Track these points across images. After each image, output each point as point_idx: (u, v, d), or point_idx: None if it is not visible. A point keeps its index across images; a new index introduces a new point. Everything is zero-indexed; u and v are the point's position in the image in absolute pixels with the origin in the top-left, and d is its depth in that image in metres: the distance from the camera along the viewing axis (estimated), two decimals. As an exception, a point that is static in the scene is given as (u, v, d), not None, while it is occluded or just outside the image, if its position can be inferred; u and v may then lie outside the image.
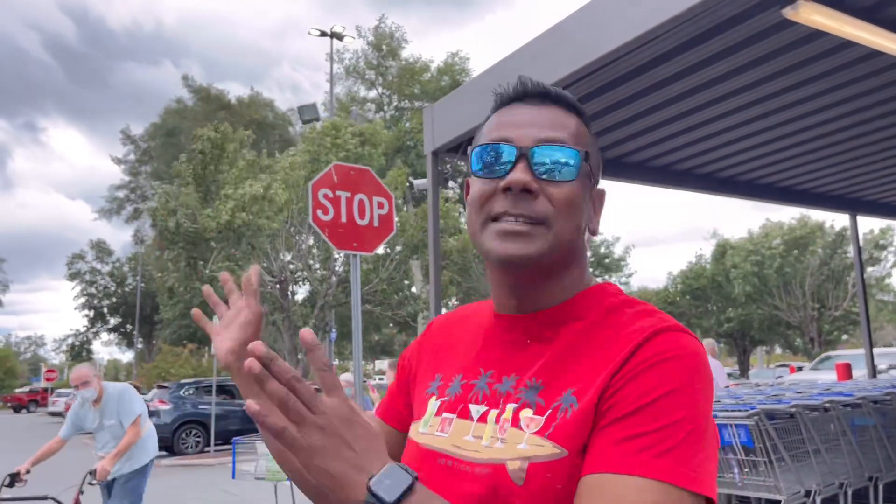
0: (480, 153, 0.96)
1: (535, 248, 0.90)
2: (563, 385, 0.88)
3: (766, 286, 33.61)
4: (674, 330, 0.86)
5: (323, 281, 20.26)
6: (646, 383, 0.81)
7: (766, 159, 6.30)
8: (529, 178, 0.90)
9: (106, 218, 41.62)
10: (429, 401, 1.04)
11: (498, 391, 0.94)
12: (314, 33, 27.01)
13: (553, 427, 0.85)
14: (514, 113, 0.98)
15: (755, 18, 3.80)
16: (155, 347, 44.65)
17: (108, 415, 5.04)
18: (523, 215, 0.90)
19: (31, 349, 77.60)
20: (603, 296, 0.97)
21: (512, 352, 0.97)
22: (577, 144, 0.95)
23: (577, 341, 0.91)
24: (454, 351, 1.08)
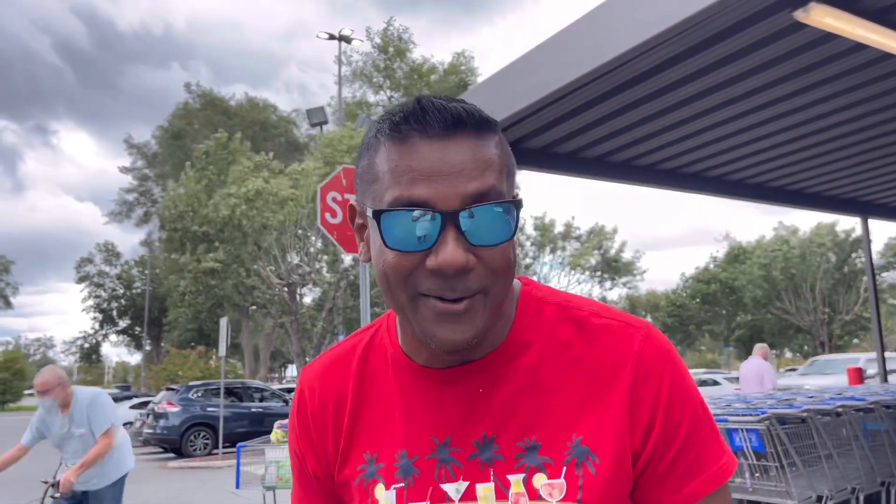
0: (391, 220, 0.75)
1: (476, 328, 0.76)
2: (563, 434, 0.79)
3: (776, 290, 33.45)
4: (643, 332, 0.83)
5: (332, 284, 20.28)
6: (671, 417, 0.80)
7: (777, 162, 6.27)
8: (464, 257, 0.73)
9: (116, 221, 41.84)
10: (374, 491, 0.84)
11: (478, 461, 0.80)
12: (322, 36, 27.09)
13: (581, 489, 0.77)
14: (421, 154, 0.75)
15: (766, 21, 3.78)
16: (163, 349, 44.84)
17: (77, 422, 4.55)
18: (461, 297, 0.75)
19: (40, 351, 78.02)
20: (534, 309, 0.86)
21: (468, 409, 0.82)
22: (506, 184, 0.78)
23: (541, 377, 0.82)
24: (369, 417, 0.88)
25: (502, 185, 0.77)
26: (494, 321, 0.80)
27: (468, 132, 0.77)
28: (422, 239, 0.74)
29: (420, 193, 0.74)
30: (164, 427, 16.35)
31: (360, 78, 32.34)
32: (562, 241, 32.89)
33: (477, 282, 0.75)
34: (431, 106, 0.77)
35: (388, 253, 0.76)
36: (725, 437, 4.45)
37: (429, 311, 0.76)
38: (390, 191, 0.76)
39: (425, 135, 0.76)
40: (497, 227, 0.75)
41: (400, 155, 0.76)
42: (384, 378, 0.88)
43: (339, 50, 27.83)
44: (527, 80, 4.30)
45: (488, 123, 0.80)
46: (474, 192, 0.74)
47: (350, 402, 0.89)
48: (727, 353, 42.05)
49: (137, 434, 17.83)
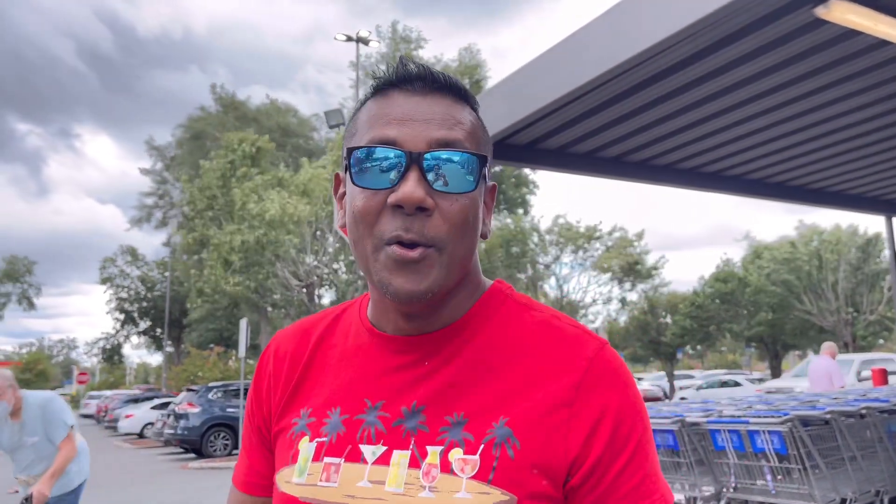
0: (360, 158, 0.79)
1: (432, 281, 0.77)
2: (491, 414, 0.77)
3: (794, 290, 33.10)
4: (601, 343, 0.82)
5: (349, 284, 20.36)
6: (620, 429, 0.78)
7: (799, 160, 6.20)
8: (423, 194, 0.75)
9: (137, 226, 42.31)
10: (299, 442, 0.85)
11: (402, 428, 0.80)
12: (340, 38, 27.20)
13: (494, 469, 0.75)
14: (397, 103, 0.81)
15: (787, 18, 3.74)
16: (183, 350, 45.25)
17: (29, 430, 4.16)
18: (416, 242, 0.76)
19: (63, 352, 79.09)
20: (499, 301, 0.87)
21: (408, 379, 0.82)
22: (475, 147, 0.81)
23: (487, 359, 0.81)
24: (320, 377, 0.90)
25: (469, 145, 0.80)
26: (452, 284, 0.81)
27: (445, 95, 0.82)
28: (387, 177, 0.77)
29: (390, 134, 0.78)
30: (184, 427, 16.50)
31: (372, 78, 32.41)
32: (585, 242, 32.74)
33: (433, 230, 0.77)
34: (414, 63, 0.83)
35: (358, 196, 0.79)
36: (747, 440, 4.41)
37: (387, 259, 0.77)
38: (365, 135, 0.81)
39: (405, 91, 0.82)
40: (457, 176, 0.78)
41: (378, 107, 0.82)
42: (343, 344, 0.90)
43: (357, 52, 27.94)
44: (543, 80, 4.29)
45: (466, 95, 0.85)
46: (440, 139, 0.78)
47: (304, 361, 0.92)
48: (749, 353, 41.66)
49: (159, 434, 18.02)
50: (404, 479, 0.76)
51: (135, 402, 26.68)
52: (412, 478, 0.76)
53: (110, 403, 29.69)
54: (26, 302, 48.20)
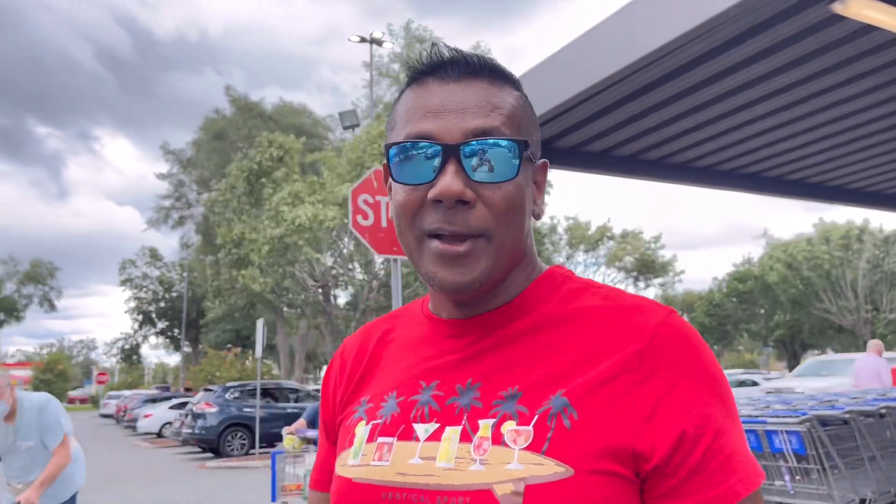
0: (398, 154, 0.79)
1: (479, 272, 0.77)
2: (547, 387, 0.75)
3: (813, 289, 32.75)
4: (668, 311, 0.78)
5: (364, 285, 20.41)
6: (695, 408, 0.72)
7: (816, 158, 6.14)
8: (461, 187, 0.75)
9: (154, 227, 42.67)
10: (356, 427, 0.86)
11: (455, 405, 0.78)
12: (354, 39, 27.28)
13: (549, 439, 0.71)
14: (433, 94, 0.80)
15: (803, 14, 3.71)
16: (200, 351, 45.60)
17: (24, 434, 3.90)
18: (460, 233, 0.76)
19: (83, 353, 79.94)
20: (557, 282, 0.85)
21: (464, 359, 0.82)
22: (515, 131, 0.80)
23: (544, 336, 0.79)
24: (381, 368, 0.91)
25: (509, 129, 0.79)
26: (503, 272, 0.81)
27: (481, 79, 0.81)
28: (425, 171, 0.77)
29: (425, 127, 0.78)
30: (202, 427, 16.63)
31: (386, 77, 32.47)
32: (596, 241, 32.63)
33: (477, 221, 0.76)
34: (447, 49, 0.82)
35: (398, 191, 0.80)
36: (764, 440, 4.37)
37: (431, 253, 0.78)
38: (403, 129, 0.81)
39: (440, 79, 0.81)
40: (498, 164, 0.77)
41: (414, 98, 0.82)
42: (405, 335, 0.92)
43: (371, 52, 28.02)
44: (557, 79, 4.28)
45: (504, 75, 0.83)
46: (476, 129, 0.77)
47: (367, 356, 0.94)
48: (766, 353, 41.31)
49: (177, 434, 18.16)
50: (455, 453, 0.74)
51: (153, 402, 26.92)
52: (463, 452, 0.74)
53: (129, 403, 29.97)
54: (47, 304, 48.80)
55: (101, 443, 23.02)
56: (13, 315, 45.90)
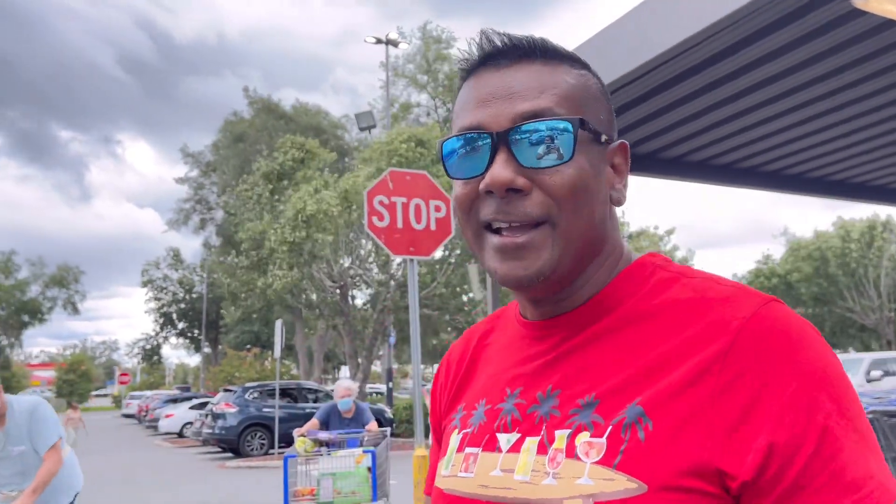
0: (449, 150, 0.77)
1: (542, 263, 0.73)
2: (624, 395, 0.69)
3: (837, 287, 32.33)
4: (764, 300, 0.69)
5: (382, 285, 20.45)
6: (798, 411, 0.62)
7: (838, 155, 6.05)
8: (511, 175, 0.72)
9: (175, 229, 43.08)
10: (451, 435, 0.85)
11: (536, 414, 0.75)
12: (370, 41, 27.34)
13: (621, 453, 0.66)
14: (483, 83, 0.77)
15: (822, 9, 3.65)
16: (220, 351, 45.96)
17: (14, 439, 3.74)
18: (517, 223, 0.73)
19: (105, 353, 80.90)
20: (646, 273, 0.78)
21: (544, 364, 0.78)
22: (573, 110, 0.75)
23: (627, 336, 0.73)
24: (477, 374, 0.89)
25: (564, 109, 0.74)
26: (574, 263, 0.75)
27: (533, 60, 0.77)
28: (476, 163, 0.75)
29: (476, 118, 0.76)
30: (222, 427, 16.76)
31: (402, 77, 32.50)
32: None
33: (536, 208, 0.72)
34: (495, 34, 0.79)
35: (455, 187, 0.78)
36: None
37: (490, 247, 0.75)
38: (456, 123, 0.79)
39: (492, 67, 0.78)
40: (552, 146, 0.73)
41: (467, 91, 0.79)
42: (499, 339, 0.89)
43: (387, 53, 28.06)
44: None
45: (560, 54, 0.79)
46: (525, 112, 0.74)
47: (466, 362, 0.92)
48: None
49: (197, 434, 18.31)
50: (531, 465, 0.72)
51: (174, 403, 27.18)
52: (539, 464, 0.71)
53: (151, 403, 30.29)
54: (71, 307, 49.45)
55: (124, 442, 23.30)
56: (37, 317, 46.55)
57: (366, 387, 19.99)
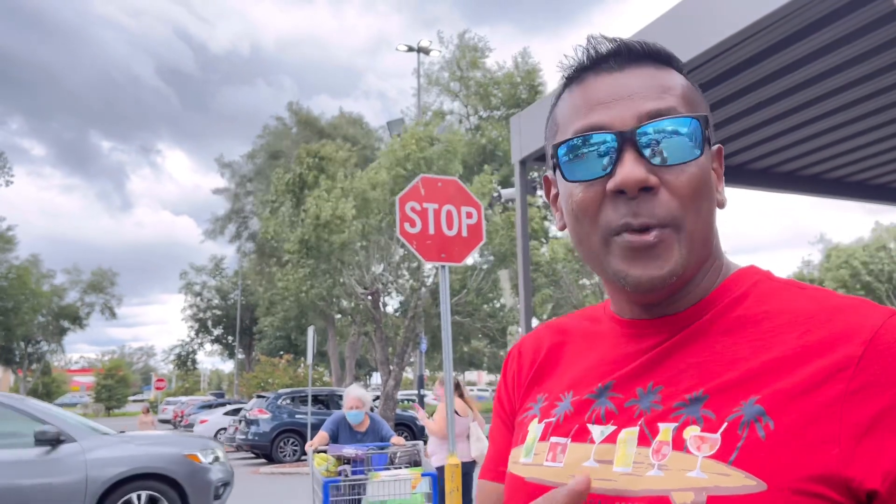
0: (568, 152, 0.75)
1: (673, 264, 0.71)
2: (738, 392, 0.67)
3: (875, 294, 31.54)
4: (885, 311, 0.67)
5: (413, 291, 20.49)
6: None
7: (880, 158, 5.90)
8: (644, 173, 0.70)
9: (211, 238, 43.73)
10: (530, 424, 0.84)
11: (635, 408, 0.73)
12: (401, 49, 27.51)
13: (738, 448, 0.64)
14: (596, 87, 0.75)
15: (864, 9, 3.56)
16: (254, 358, 46.47)
17: None
18: (647, 224, 0.70)
19: (142, 359, 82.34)
20: (752, 280, 0.77)
21: (645, 359, 0.76)
22: (691, 109, 0.75)
23: (738, 337, 0.71)
24: (559, 367, 0.88)
25: (685, 109, 0.74)
26: (697, 264, 0.74)
27: (646, 64, 0.76)
28: (601, 163, 0.72)
29: (595, 119, 0.74)
30: (255, 433, 16.91)
31: (435, 85, 32.60)
32: None
33: (664, 209, 0.70)
34: (605, 39, 0.77)
35: (574, 190, 0.75)
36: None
37: (619, 249, 0.72)
38: (568, 127, 0.76)
39: (600, 71, 0.76)
40: (679, 145, 0.71)
41: (575, 96, 0.77)
42: (586, 336, 0.88)
43: (418, 62, 28.20)
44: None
45: (668, 57, 0.78)
46: (650, 111, 0.72)
47: (544, 353, 0.91)
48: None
49: (231, 439, 18.50)
50: (633, 457, 0.70)
51: (209, 408, 27.51)
52: (641, 456, 0.69)
53: (186, 409, 30.71)
54: (108, 312, 50.42)
55: (159, 447, 23.53)
56: (77, 322, 47.58)
57: (397, 393, 20.01)
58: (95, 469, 6.39)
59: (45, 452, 6.27)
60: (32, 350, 46.96)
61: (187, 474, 6.90)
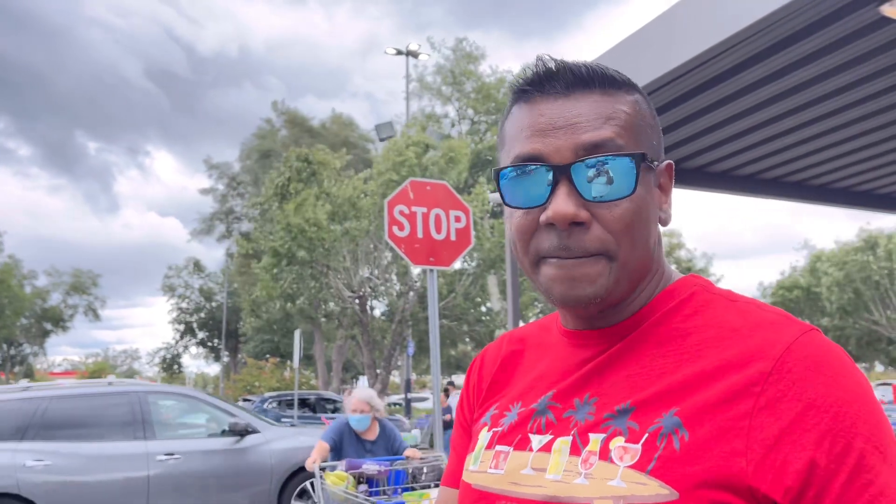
0: (507, 178, 0.77)
1: (597, 288, 0.74)
2: (660, 404, 0.70)
3: (861, 299, 31.86)
4: (806, 328, 0.70)
5: (401, 296, 20.46)
6: (833, 439, 0.62)
7: (864, 165, 5.96)
8: (574, 209, 0.72)
9: (198, 239, 43.45)
10: (480, 432, 0.88)
11: (571, 419, 0.77)
12: (390, 52, 27.52)
13: (655, 459, 0.67)
14: (539, 110, 0.77)
15: (850, 17, 3.60)
16: (240, 361, 46.19)
17: None
18: (575, 255, 0.73)
19: (126, 362, 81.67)
20: (688, 292, 0.80)
21: (584, 371, 0.80)
22: (632, 140, 0.76)
23: (667, 350, 0.75)
24: (513, 377, 0.92)
25: (624, 140, 0.75)
26: (628, 287, 0.77)
27: (591, 90, 0.77)
28: (536, 194, 0.75)
29: (534, 148, 0.75)
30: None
31: (427, 90, 32.60)
32: None
33: (594, 242, 0.73)
34: (554, 66, 0.78)
35: (513, 215, 0.78)
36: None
37: (547, 269, 0.75)
38: (511, 151, 0.79)
39: (547, 94, 0.77)
40: (613, 180, 0.73)
41: (521, 116, 0.79)
42: (538, 347, 0.91)
43: (407, 65, 28.23)
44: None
45: (617, 82, 0.79)
46: (587, 143, 0.73)
47: (500, 363, 0.94)
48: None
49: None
50: (564, 466, 0.73)
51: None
52: (571, 465, 0.73)
53: (170, 412, 30.43)
54: (92, 313, 49.97)
55: (143, 451, 23.33)
56: (59, 325, 47.12)
57: (384, 397, 19.95)
58: (278, 457, 7.12)
59: (235, 442, 7.07)
60: (15, 353, 46.42)
61: None
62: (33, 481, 6.14)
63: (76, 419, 6.70)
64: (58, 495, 6.19)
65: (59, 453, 6.35)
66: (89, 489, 6.31)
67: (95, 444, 6.50)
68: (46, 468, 6.22)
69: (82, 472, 6.35)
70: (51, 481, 6.20)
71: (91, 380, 9.62)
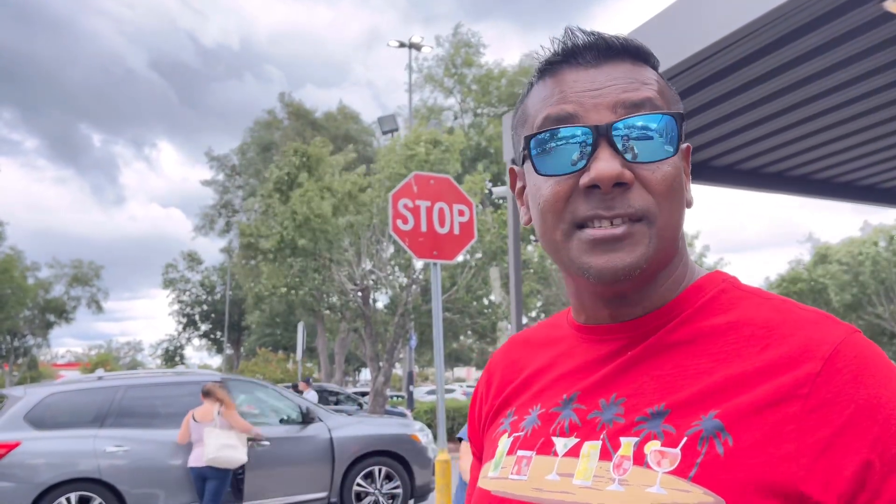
0: (540, 144, 0.72)
1: (640, 255, 0.69)
2: (698, 407, 0.66)
3: (866, 293, 31.81)
4: (851, 329, 0.68)
5: (404, 288, 20.49)
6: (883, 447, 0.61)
7: (868, 159, 5.97)
8: (619, 167, 0.68)
9: (202, 234, 43.43)
10: (500, 439, 0.83)
11: (597, 420, 0.72)
12: (393, 44, 27.46)
13: (698, 465, 0.63)
14: (571, 79, 0.73)
15: (854, 12, 3.61)
16: (242, 353, 46.30)
17: None
18: (619, 215, 0.69)
19: (129, 354, 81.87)
20: (718, 288, 0.76)
21: (608, 370, 0.75)
22: (667, 105, 0.73)
23: (699, 348, 0.71)
24: (527, 380, 0.87)
25: (661, 104, 0.72)
26: (663, 261, 0.73)
27: (622, 59, 0.74)
28: (574, 158, 0.70)
29: (568, 110, 0.71)
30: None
31: (430, 82, 32.51)
32: None
33: (638, 201, 0.69)
34: (582, 36, 0.74)
35: (543, 185, 0.73)
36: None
37: (586, 241, 0.70)
38: (539, 117, 0.73)
39: (576, 65, 0.74)
40: (655, 141, 0.70)
41: (549, 86, 0.75)
42: (551, 347, 0.86)
43: (410, 58, 28.16)
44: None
45: (646, 54, 0.76)
46: (627, 102, 0.70)
47: (513, 368, 0.90)
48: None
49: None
50: (593, 471, 0.69)
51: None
52: (602, 470, 0.68)
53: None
54: (95, 305, 50.06)
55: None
56: (62, 316, 47.20)
57: (387, 389, 20.02)
58: (341, 444, 7.57)
59: (300, 429, 7.54)
60: (18, 344, 46.56)
61: (413, 452, 7.98)
62: (113, 466, 6.41)
63: (151, 407, 6.98)
64: (136, 481, 6.45)
65: (137, 439, 6.62)
66: (166, 474, 6.57)
67: (170, 432, 6.72)
68: (125, 454, 6.49)
69: (159, 458, 6.62)
70: (129, 467, 6.46)
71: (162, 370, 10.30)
